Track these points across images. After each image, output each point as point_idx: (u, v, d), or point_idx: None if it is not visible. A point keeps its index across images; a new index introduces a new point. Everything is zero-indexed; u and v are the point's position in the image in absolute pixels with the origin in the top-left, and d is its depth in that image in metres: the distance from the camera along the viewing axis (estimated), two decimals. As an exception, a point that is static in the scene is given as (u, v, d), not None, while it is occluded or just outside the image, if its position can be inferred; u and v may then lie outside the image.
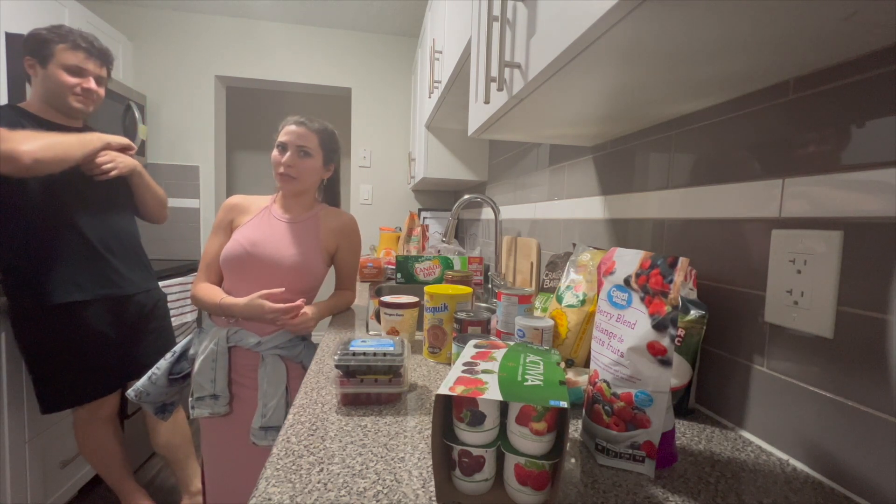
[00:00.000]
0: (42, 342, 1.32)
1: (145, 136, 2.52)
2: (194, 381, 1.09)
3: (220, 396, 1.08)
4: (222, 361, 1.08)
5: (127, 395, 1.23)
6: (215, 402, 1.08)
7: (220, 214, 1.19)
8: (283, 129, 1.15)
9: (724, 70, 0.54)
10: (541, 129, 0.92)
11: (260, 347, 1.08)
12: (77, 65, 1.28)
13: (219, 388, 1.08)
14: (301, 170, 1.14)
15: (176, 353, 1.19)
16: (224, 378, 1.08)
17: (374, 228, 2.93)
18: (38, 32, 1.27)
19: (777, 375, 0.58)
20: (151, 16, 2.64)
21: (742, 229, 0.63)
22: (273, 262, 1.10)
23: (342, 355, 0.69)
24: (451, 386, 0.45)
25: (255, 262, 1.09)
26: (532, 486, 0.45)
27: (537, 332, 0.74)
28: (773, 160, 0.59)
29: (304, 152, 1.13)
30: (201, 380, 1.08)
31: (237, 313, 1.07)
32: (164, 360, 1.19)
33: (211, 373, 1.08)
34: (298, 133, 1.13)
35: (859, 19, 0.40)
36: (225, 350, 1.08)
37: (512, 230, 1.72)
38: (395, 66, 2.97)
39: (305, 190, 1.19)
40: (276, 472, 0.50)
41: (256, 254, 1.09)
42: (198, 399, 1.08)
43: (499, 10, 0.71)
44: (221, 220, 1.18)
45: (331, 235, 1.19)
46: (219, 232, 1.18)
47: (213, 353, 1.08)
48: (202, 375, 1.08)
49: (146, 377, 1.19)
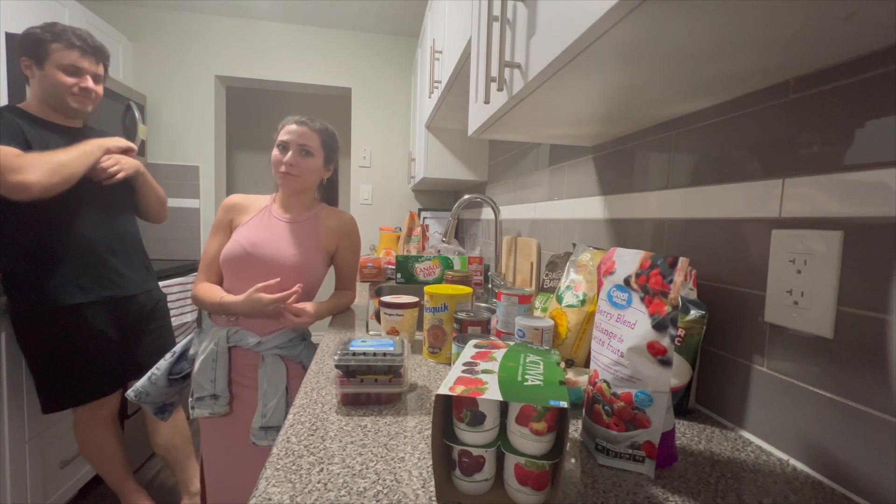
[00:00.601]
0: (43, 343, 1.32)
1: (145, 136, 2.52)
2: (194, 381, 1.09)
3: (220, 396, 1.08)
4: (222, 361, 1.08)
5: (126, 396, 1.23)
6: (215, 402, 1.08)
7: (220, 214, 1.19)
8: (284, 129, 1.15)
9: (724, 70, 0.54)
10: (541, 129, 0.92)
11: (260, 347, 1.08)
12: (73, 64, 1.28)
13: (219, 388, 1.08)
14: (303, 169, 1.14)
15: (176, 353, 1.19)
16: (224, 378, 1.08)
17: (374, 228, 2.93)
18: (32, 32, 1.26)
19: (777, 375, 0.57)
20: (151, 16, 2.64)
21: (742, 229, 0.63)
22: (273, 262, 1.10)
23: (342, 355, 0.69)
24: (451, 386, 0.45)
25: (255, 262, 1.09)
26: (532, 486, 0.45)
27: (537, 332, 0.74)
28: (773, 160, 0.59)
29: (305, 151, 1.13)
30: (201, 380, 1.08)
31: (237, 310, 1.07)
32: (164, 360, 1.19)
33: (211, 373, 1.08)
34: (300, 132, 1.13)
35: (859, 19, 0.40)
36: (225, 350, 1.08)
37: (512, 230, 1.72)
38: (395, 66, 2.97)
39: (306, 189, 1.19)
40: (276, 472, 0.50)
41: (256, 254, 1.09)
42: (198, 399, 1.08)
43: (499, 10, 0.71)
44: (221, 219, 1.18)
45: (331, 235, 1.20)
46: (218, 231, 1.18)
47: (214, 353, 1.08)
48: (202, 375, 1.08)
49: (146, 377, 1.19)
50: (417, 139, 2.30)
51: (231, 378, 1.10)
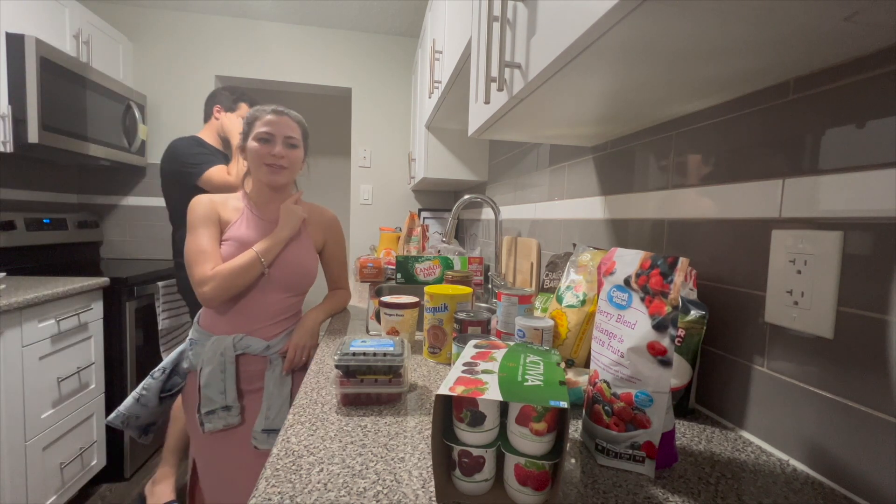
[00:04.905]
0: None
1: (145, 136, 2.52)
2: (203, 396, 1.04)
3: (232, 407, 1.04)
4: (231, 371, 1.04)
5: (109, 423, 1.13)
6: (228, 413, 1.04)
7: (202, 210, 1.07)
8: (263, 119, 1.07)
9: (724, 70, 0.54)
10: (541, 129, 0.92)
11: (269, 351, 1.06)
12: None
13: (230, 399, 1.04)
14: (291, 161, 1.09)
15: (166, 369, 1.13)
16: (234, 388, 1.05)
17: (374, 228, 2.92)
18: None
19: (777, 376, 0.57)
20: (151, 16, 2.63)
21: (742, 229, 0.63)
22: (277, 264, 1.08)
23: (342, 355, 0.69)
24: (451, 386, 0.45)
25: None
26: (532, 486, 0.45)
27: (537, 332, 0.74)
28: (773, 160, 0.59)
29: (291, 144, 1.09)
30: (210, 393, 1.03)
31: (284, 236, 1.08)
32: (152, 378, 1.12)
33: (220, 384, 1.03)
34: (284, 123, 1.08)
35: (859, 19, 0.40)
36: (233, 359, 1.05)
37: (512, 230, 1.72)
38: (395, 66, 2.97)
39: (289, 183, 1.14)
40: (276, 472, 0.49)
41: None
42: (207, 413, 1.03)
43: (499, 10, 0.71)
44: (208, 212, 1.07)
45: (318, 230, 1.19)
46: (208, 224, 1.06)
47: (221, 364, 1.04)
48: (211, 388, 1.03)
49: (132, 399, 1.11)
50: (417, 139, 2.29)
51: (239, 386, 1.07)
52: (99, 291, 1.79)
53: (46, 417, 1.51)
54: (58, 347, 1.57)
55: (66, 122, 1.89)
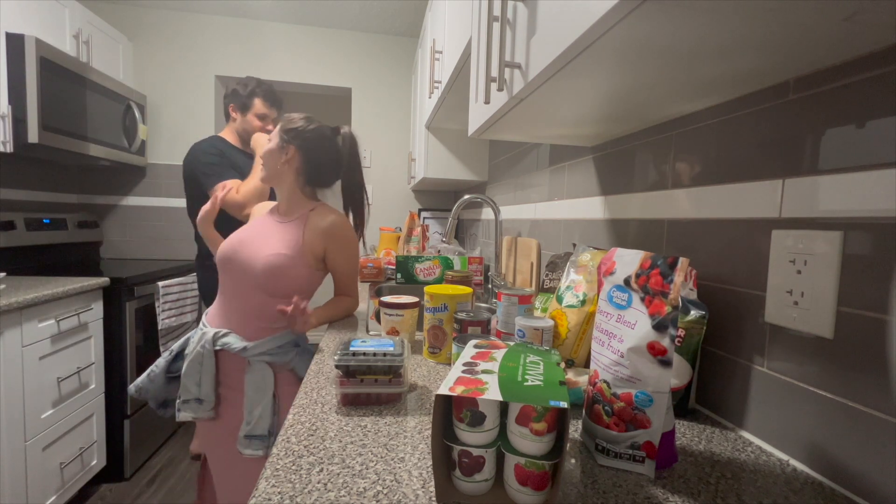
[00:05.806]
0: None
1: (145, 136, 2.52)
2: (182, 383, 1.06)
3: (204, 401, 1.04)
4: (208, 365, 1.05)
5: (128, 391, 1.24)
6: (199, 406, 1.05)
7: None
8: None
9: (724, 70, 0.54)
10: (541, 129, 0.92)
11: (246, 353, 1.03)
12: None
13: (203, 393, 1.04)
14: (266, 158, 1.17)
15: (173, 351, 1.17)
16: (210, 382, 1.05)
17: (374, 228, 2.93)
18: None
19: (777, 376, 0.57)
20: (151, 16, 2.64)
21: (742, 229, 0.63)
22: (247, 263, 1.05)
23: (342, 355, 0.69)
24: (451, 386, 0.45)
25: (234, 262, 1.07)
26: (532, 486, 0.45)
27: (537, 332, 0.74)
28: (773, 160, 0.59)
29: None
30: (188, 382, 1.05)
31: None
32: (163, 357, 1.18)
33: (196, 376, 1.05)
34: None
35: (859, 19, 0.40)
36: (211, 353, 1.05)
37: (512, 230, 1.72)
38: (395, 66, 2.97)
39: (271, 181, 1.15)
40: (276, 472, 0.50)
41: (236, 252, 1.07)
42: (184, 402, 1.06)
43: (499, 10, 0.71)
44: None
45: (317, 236, 1.09)
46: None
47: (200, 357, 1.05)
48: (188, 378, 1.06)
49: (146, 374, 1.18)
50: (417, 139, 2.30)
51: (220, 381, 1.07)
52: (99, 291, 1.79)
53: (46, 417, 1.51)
54: (58, 347, 1.57)
55: (66, 122, 1.89)
